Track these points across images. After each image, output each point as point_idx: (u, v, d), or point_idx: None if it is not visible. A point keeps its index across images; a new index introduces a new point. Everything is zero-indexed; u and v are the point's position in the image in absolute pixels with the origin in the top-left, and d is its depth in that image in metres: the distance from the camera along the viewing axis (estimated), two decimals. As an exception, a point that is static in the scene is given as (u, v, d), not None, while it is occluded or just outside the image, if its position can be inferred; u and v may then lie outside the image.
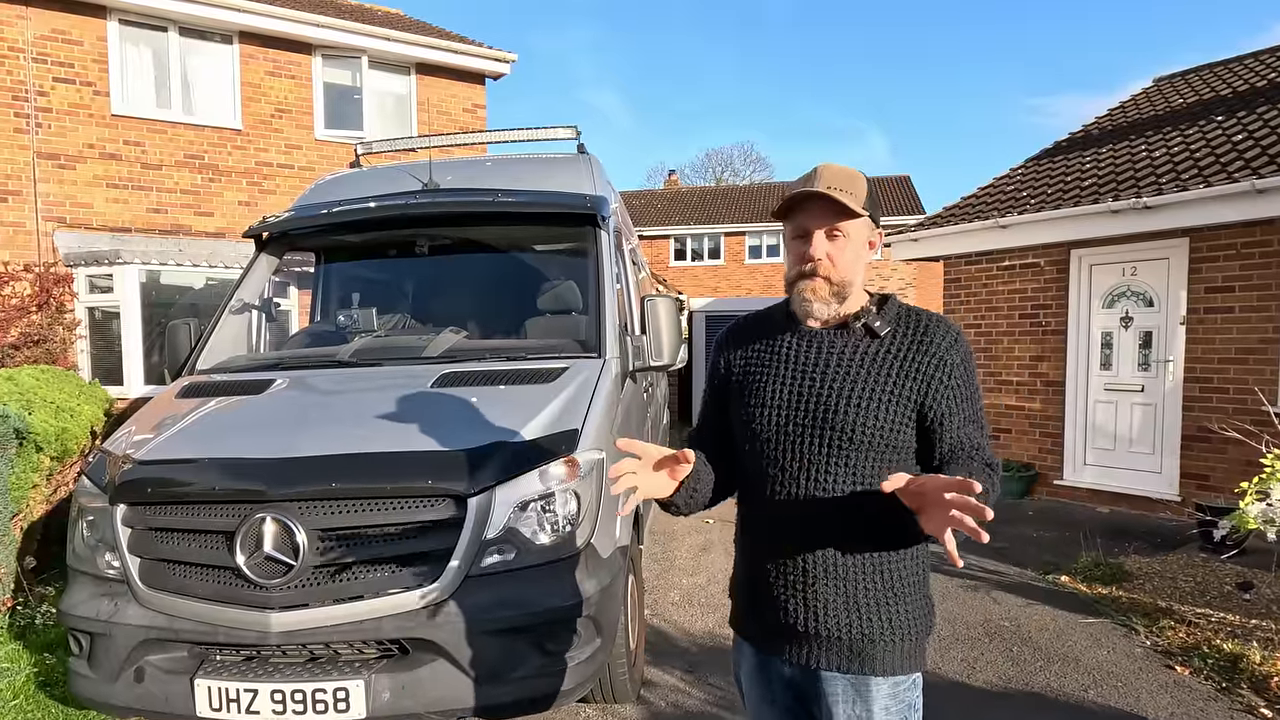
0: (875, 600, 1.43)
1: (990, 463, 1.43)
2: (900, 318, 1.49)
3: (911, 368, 1.43)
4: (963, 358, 1.46)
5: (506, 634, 2.43)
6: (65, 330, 7.87)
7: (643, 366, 3.41)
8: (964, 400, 1.45)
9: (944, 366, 1.43)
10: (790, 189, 1.50)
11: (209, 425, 2.95)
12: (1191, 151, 6.62)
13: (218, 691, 2.39)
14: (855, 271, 1.48)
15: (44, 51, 8.09)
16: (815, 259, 1.46)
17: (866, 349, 1.47)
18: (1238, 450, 5.38)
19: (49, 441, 4.25)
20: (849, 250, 1.47)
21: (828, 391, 1.45)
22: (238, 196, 9.13)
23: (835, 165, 1.49)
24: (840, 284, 1.47)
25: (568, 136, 4.58)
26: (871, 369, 1.44)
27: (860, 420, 1.41)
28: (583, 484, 2.62)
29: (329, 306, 4.48)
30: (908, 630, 1.44)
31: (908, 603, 1.45)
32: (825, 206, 1.44)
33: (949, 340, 1.45)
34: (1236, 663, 3.49)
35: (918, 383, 1.43)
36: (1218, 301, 6.06)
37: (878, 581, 1.43)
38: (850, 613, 1.43)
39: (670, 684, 3.43)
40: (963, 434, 1.43)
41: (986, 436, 1.49)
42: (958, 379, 1.44)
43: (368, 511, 2.44)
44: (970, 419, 1.45)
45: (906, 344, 1.46)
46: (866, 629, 1.43)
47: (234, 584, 2.45)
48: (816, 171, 1.48)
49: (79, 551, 2.74)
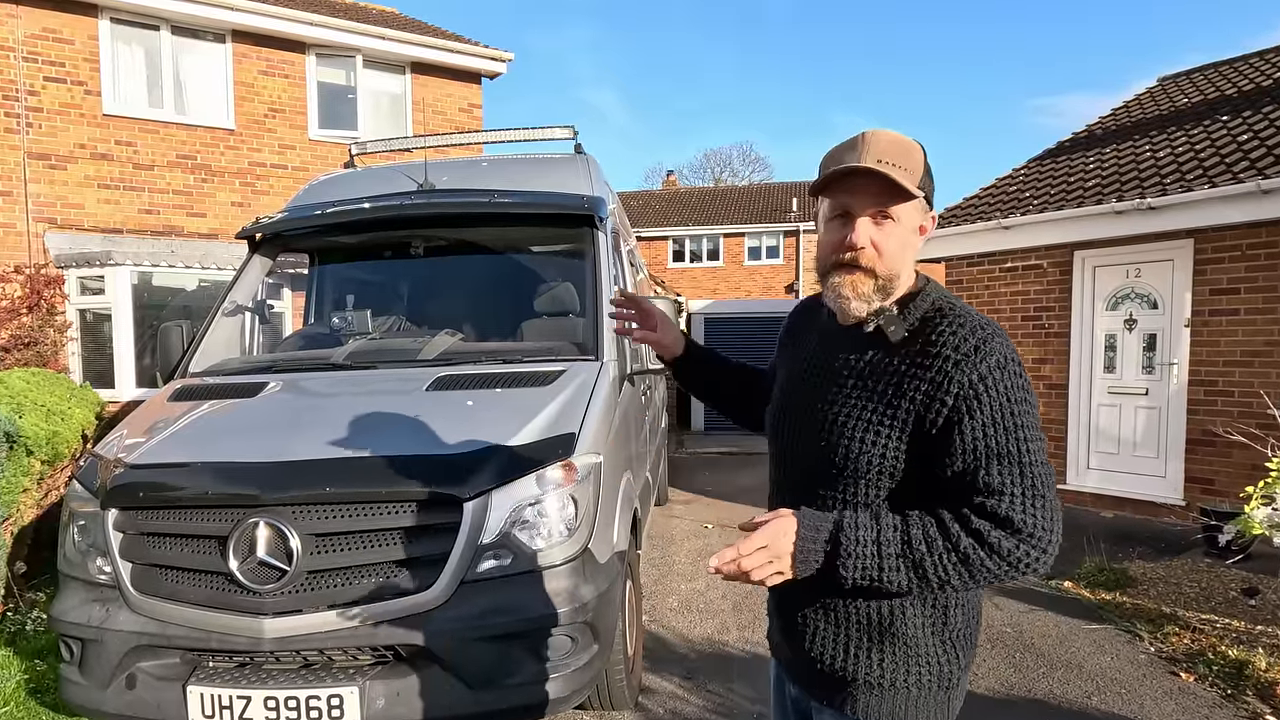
0: (868, 637, 1.24)
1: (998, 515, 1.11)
2: (924, 319, 1.23)
3: (911, 385, 1.18)
4: (984, 373, 1.14)
5: (502, 640, 2.41)
6: (56, 333, 7.81)
7: (641, 369, 3.40)
8: (979, 425, 1.13)
9: (950, 384, 1.14)
10: (831, 159, 1.25)
11: (202, 429, 2.92)
12: (1196, 151, 6.60)
13: (210, 698, 2.36)
14: (904, 262, 1.24)
15: (35, 50, 8.03)
16: (858, 248, 1.22)
17: (871, 358, 1.25)
18: (1243, 454, 5.34)
19: (40, 445, 4.21)
20: (897, 237, 1.23)
21: (822, 407, 1.28)
22: (231, 197, 9.08)
23: (886, 133, 1.23)
24: (886, 278, 1.23)
25: (565, 136, 4.57)
26: (869, 384, 1.23)
27: (843, 445, 1.22)
28: (580, 488, 2.60)
29: (323, 309, 4.45)
30: (905, 677, 1.22)
31: (910, 646, 1.22)
32: (874, 184, 1.19)
33: (964, 350, 1.15)
34: (1242, 669, 3.46)
35: (916, 404, 1.17)
36: (1223, 303, 6.01)
37: (872, 617, 1.23)
38: (838, 645, 1.26)
39: (668, 690, 3.41)
40: (969, 466, 1.13)
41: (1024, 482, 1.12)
42: (971, 398, 1.13)
43: (362, 516, 2.41)
44: (989, 451, 1.12)
45: (913, 355, 1.20)
46: (852, 667, 1.25)
47: (227, 589, 2.42)
48: (864, 139, 1.22)
49: (70, 556, 2.71)
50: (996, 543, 1.11)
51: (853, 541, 1.13)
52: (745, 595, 4.63)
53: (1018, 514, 1.11)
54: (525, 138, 4.64)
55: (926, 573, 1.13)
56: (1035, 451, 1.14)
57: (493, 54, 10.51)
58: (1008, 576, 1.13)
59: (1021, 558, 1.11)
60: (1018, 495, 1.11)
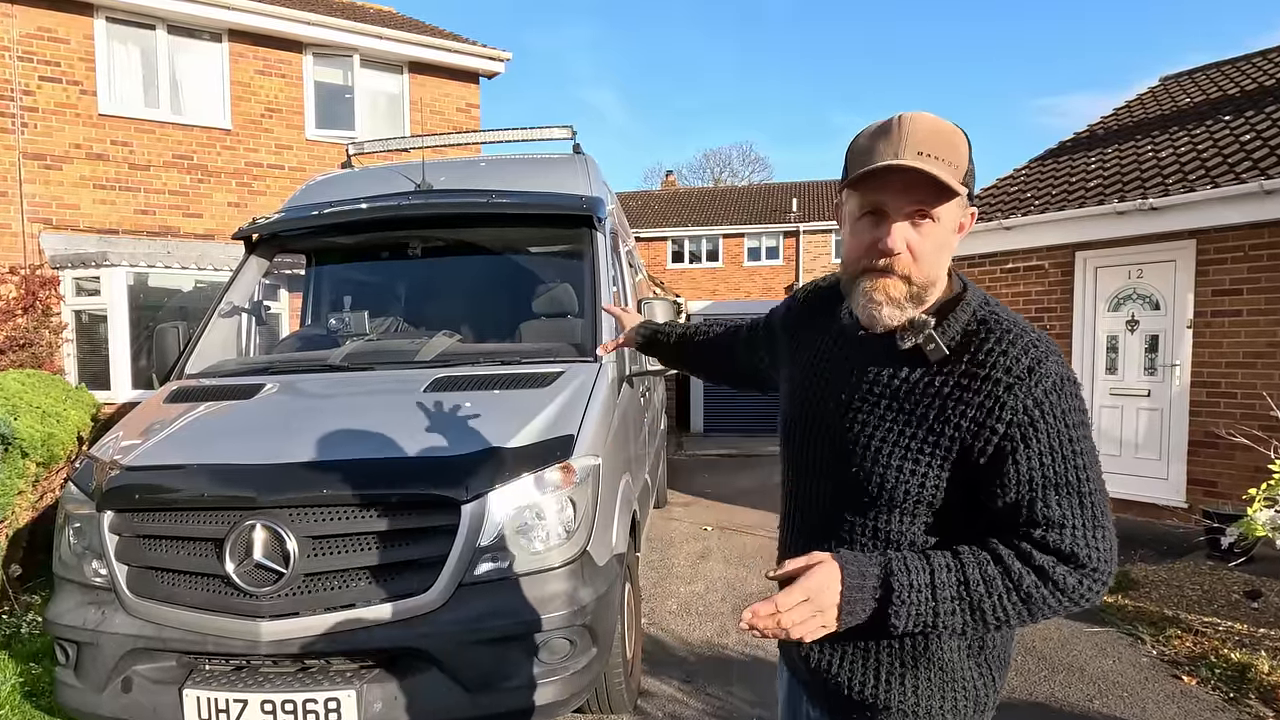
0: (900, 662, 1.15)
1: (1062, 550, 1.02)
2: (967, 332, 1.10)
3: (957, 411, 1.06)
4: (1040, 397, 1.03)
5: (500, 643, 2.40)
6: (51, 334, 7.78)
7: (640, 371, 3.39)
8: (1035, 454, 1.03)
9: (1002, 410, 1.04)
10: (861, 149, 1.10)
11: (198, 430, 2.91)
12: (1198, 152, 6.58)
13: (207, 702, 2.35)
14: (941, 265, 1.12)
15: (29, 50, 7.99)
16: (893, 252, 1.08)
17: (907, 376, 1.12)
18: (1246, 456, 5.31)
19: (35, 447, 4.19)
20: (935, 238, 1.09)
21: (847, 426, 1.15)
22: (227, 197, 9.05)
23: (926, 117, 1.07)
24: (922, 285, 1.10)
25: (563, 136, 4.56)
26: (905, 406, 1.10)
27: (879, 472, 1.11)
28: (579, 490, 2.59)
29: (320, 310, 4.44)
30: (941, 704, 1.15)
31: (946, 671, 1.14)
32: (915, 181, 1.04)
33: (1018, 371, 1.04)
34: (1244, 672, 3.45)
35: (962, 430, 1.06)
36: (1225, 304, 5.98)
37: (905, 641, 1.14)
38: (868, 670, 1.17)
39: (667, 694, 3.40)
40: (1025, 498, 1.04)
41: (1085, 514, 1.04)
42: (1025, 425, 1.03)
43: (360, 518, 2.40)
44: (1047, 482, 1.03)
45: (958, 375, 1.08)
46: (884, 694, 1.16)
47: (223, 592, 2.41)
48: (900, 125, 1.06)
49: (65, 559, 2.70)
50: (1061, 579, 1.03)
51: (906, 587, 1.03)
52: (745, 598, 4.62)
53: (1081, 548, 1.03)
54: (523, 138, 4.63)
55: (985, 614, 1.04)
56: (1095, 479, 1.05)
57: (491, 53, 10.49)
58: (1065, 612, 1.06)
59: (1085, 593, 1.05)
60: (1079, 527, 1.03)
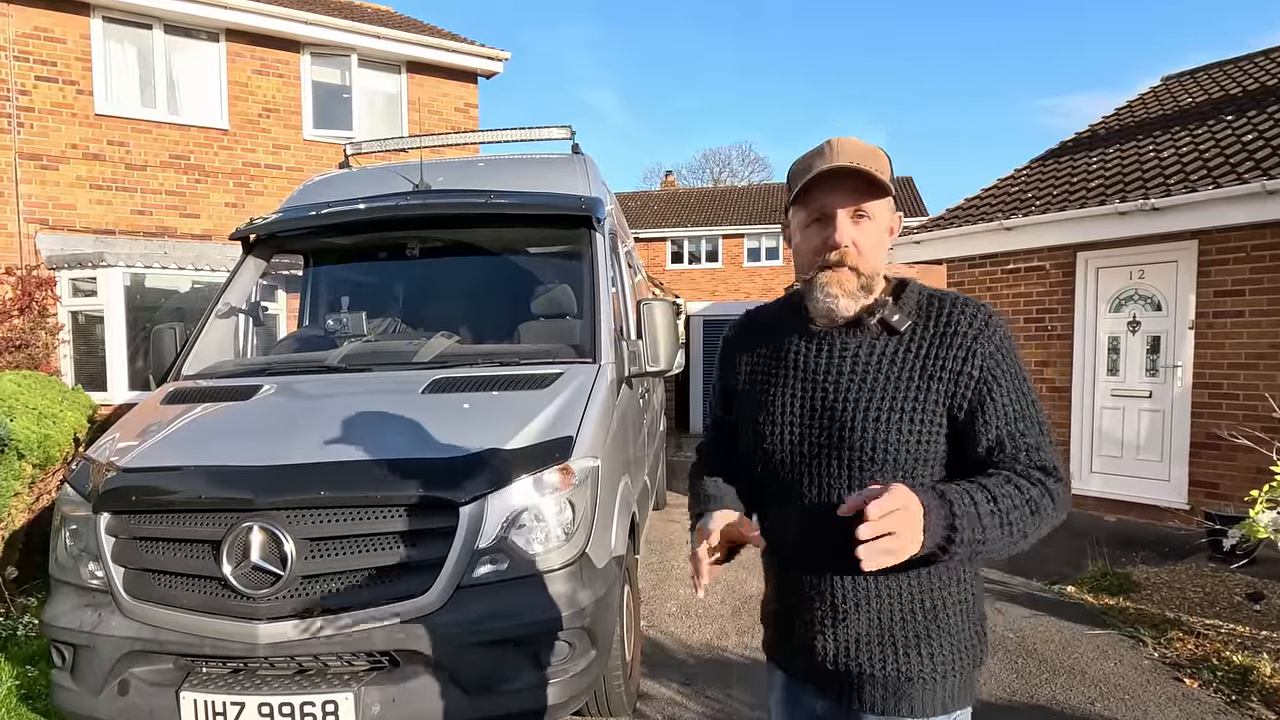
0: (915, 634, 1.27)
1: (1044, 466, 1.23)
2: (921, 307, 1.31)
3: (935, 365, 1.25)
4: (996, 345, 1.26)
5: (499, 646, 2.39)
6: (48, 335, 7.75)
7: (639, 372, 3.38)
8: (1004, 392, 1.25)
9: (973, 357, 1.25)
10: (800, 168, 1.30)
11: (195, 432, 2.90)
12: (1200, 152, 6.55)
13: (204, 705, 2.34)
14: (881, 259, 1.31)
15: (26, 50, 7.97)
16: (842, 246, 1.27)
17: (884, 349, 1.29)
18: (1248, 458, 5.27)
19: (31, 449, 4.17)
20: (874, 234, 1.29)
21: (842, 405, 1.28)
22: (224, 198, 9.03)
23: (853, 139, 1.29)
24: (869, 275, 1.29)
25: (562, 136, 4.55)
26: (890, 373, 1.27)
27: (881, 436, 1.25)
28: (577, 492, 2.58)
29: (318, 310, 4.42)
30: (952, 666, 1.28)
31: (953, 635, 1.29)
32: (851, 183, 1.25)
33: (977, 325, 1.26)
34: (1247, 675, 3.43)
35: (943, 382, 1.25)
36: (1227, 305, 5.95)
37: (917, 614, 1.27)
38: (885, 648, 1.28)
39: (667, 697, 3.39)
40: (1004, 432, 1.24)
41: (1044, 436, 1.27)
42: (992, 370, 1.25)
43: (357, 520, 2.39)
44: (1017, 415, 1.25)
45: (929, 338, 1.28)
46: (904, 667, 1.27)
47: (220, 594, 2.40)
48: (830, 146, 1.28)
49: (62, 561, 2.69)
50: (1052, 488, 1.21)
51: (965, 503, 1.14)
52: (744, 600, 4.62)
53: (1050, 461, 1.24)
54: (522, 138, 4.62)
55: (1012, 529, 1.17)
56: (1041, 408, 1.29)
57: (489, 53, 10.48)
58: (1057, 519, 1.23)
59: (1065, 497, 1.24)
60: (1045, 445, 1.25)
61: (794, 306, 1.40)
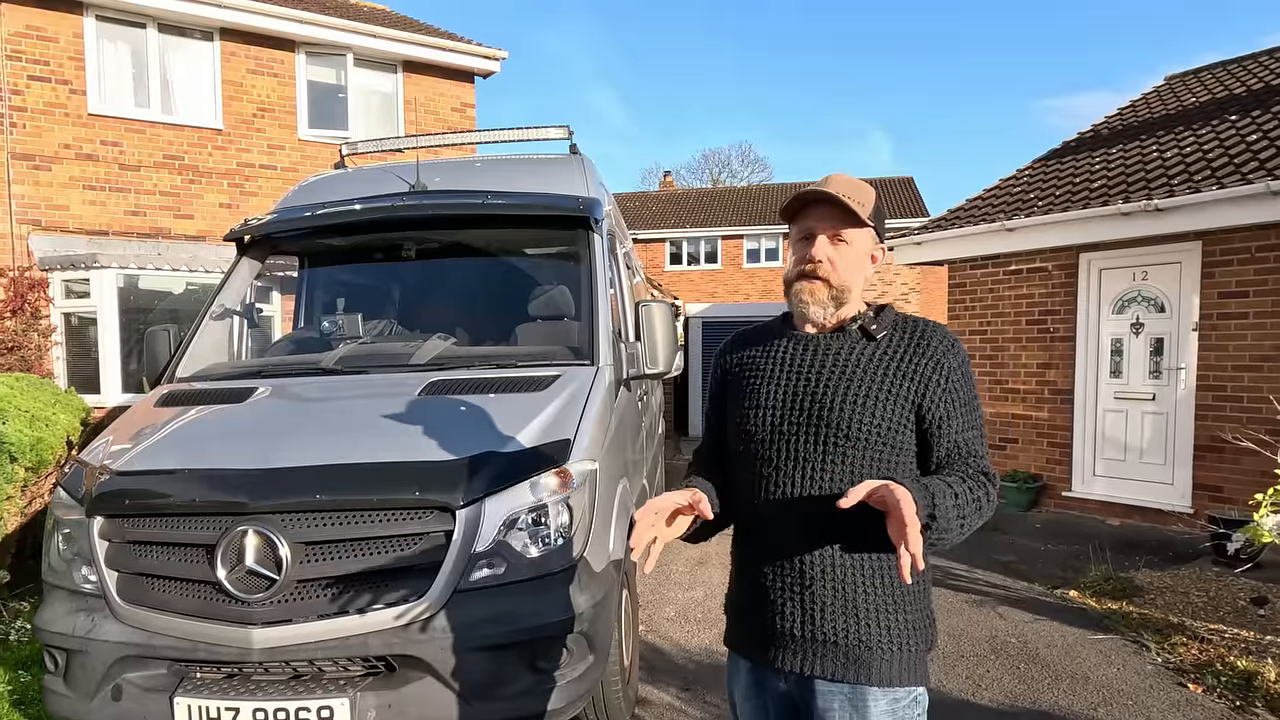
0: (874, 606, 1.42)
1: (987, 472, 1.45)
2: (897, 324, 1.52)
3: (908, 368, 1.45)
4: (960, 362, 1.48)
5: (496, 650, 2.38)
6: (40, 337, 7.71)
7: (637, 374, 3.36)
8: (962, 405, 1.47)
9: (941, 369, 1.46)
10: (799, 194, 1.54)
11: (189, 435, 2.87)
12: (1204, 152, 6.52)
13: (198, 710, 2.31)
14: (855, 279, 1.51)
15: (18, 49, 7.92)
16: (816, 260, 1.49)
17: (863, 351, 1.49)
18: (1252, 461, 5.21)
19: (24, 452, 4.15)
20: (850, 256, 1.50)
21: (823, 389, 1.47)
22: (219, 198, 8.99)
23: (846, 175, 1.54)
24: (839, 289, 1.49)
25: (559, 136, 4.52)
26: (868, 368, 1.47)
27: (857, 416, 1.43)
28: (575, 496, 2.57)
29: (313, 312, 4.40)
30: (906, 640, 1.44)
31: (908, 612, 1.44)
32: (832, 211, 1.48)
33: (945, 344, 1.48)
34: (1250, 680, 3.42)
35: (915, 383, 1.45)
36: (1231, 307, 5.91)
37: (878, 587, 1.43)
38: (848, 617, 1.42)
39: (665, 702, 3.37)
40: (960, 439, 1.46)
41: (985, 445, 1.51)
42: (955, 383, 1.46)
43: (353, 524, 2.38)
44: (969, 425, 1.48)
45: (903, 347, 1.48)
46: (864, 635, 1.42)
47: (215, 599, 2.38)
48: (828, 179, 1.53)
49: (55, 565, 2.66)
50: (990, 489, 1.43)
51: (944, 496, 1.34)
52: (740, 599, 4.60)
53: (990, 466, 1.48)
54: (519, 138, 4.60)
55: (966, 520, 1.37)
56: (982, 416, 1.54)
57: (486, 52, 10.46)
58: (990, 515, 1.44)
59: (996, 497, 1.46)
60: (985, 455, 1.49)
61: (785, 317, 1.62)
